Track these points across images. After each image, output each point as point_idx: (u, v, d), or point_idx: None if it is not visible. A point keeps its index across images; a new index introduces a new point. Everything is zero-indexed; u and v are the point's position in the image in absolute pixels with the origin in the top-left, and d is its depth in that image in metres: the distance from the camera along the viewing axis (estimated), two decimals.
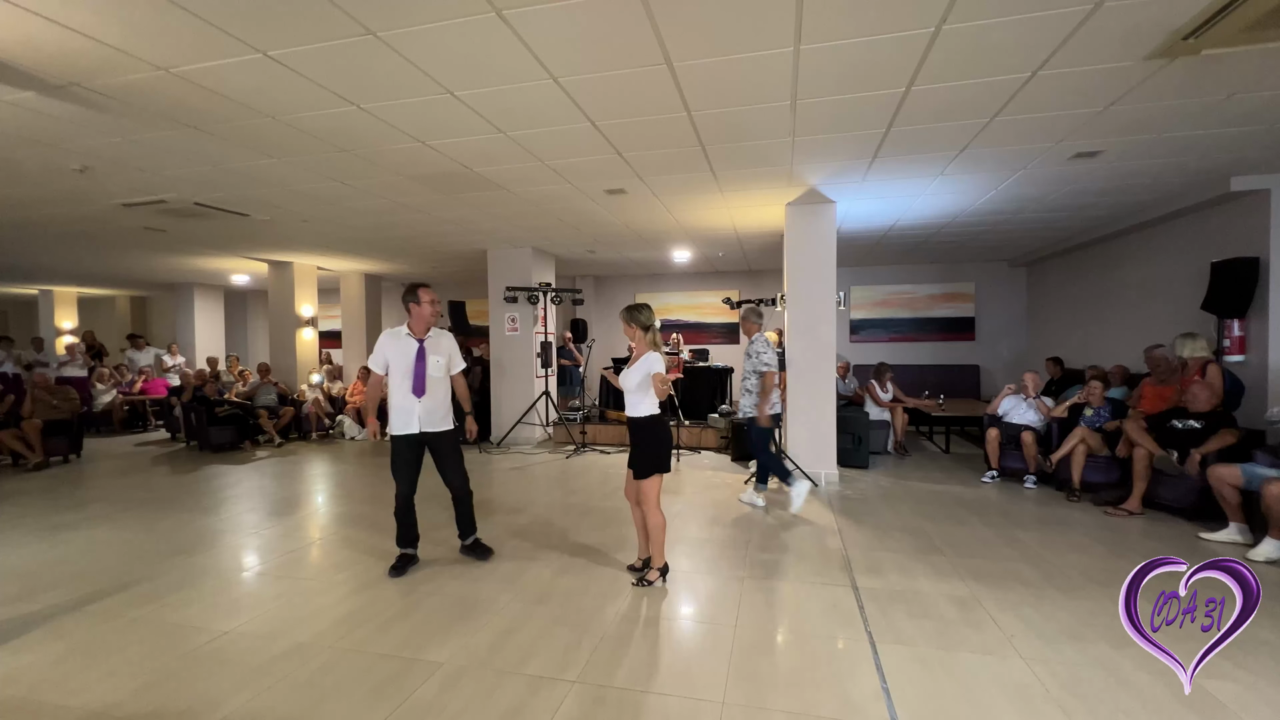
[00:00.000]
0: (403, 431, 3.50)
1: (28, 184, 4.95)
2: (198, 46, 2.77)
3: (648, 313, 3.31)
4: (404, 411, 3.49)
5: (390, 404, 3.53)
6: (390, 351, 3.50)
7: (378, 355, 3.52)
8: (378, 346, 3.52)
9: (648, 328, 3.27)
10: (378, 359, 3.52)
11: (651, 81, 3.18)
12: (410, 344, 3.52)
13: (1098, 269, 7.56)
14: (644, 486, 3.25)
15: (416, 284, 3.57)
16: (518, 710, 2.23)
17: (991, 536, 4.13)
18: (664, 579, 3.34)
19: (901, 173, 4.87)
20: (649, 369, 3.18)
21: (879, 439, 7.02)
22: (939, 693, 2.33)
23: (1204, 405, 4.47)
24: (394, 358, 3.50)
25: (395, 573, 3.50)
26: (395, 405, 3.51)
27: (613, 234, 7.37)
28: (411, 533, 3.61)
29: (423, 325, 3.55)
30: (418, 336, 3.54)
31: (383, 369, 3.53)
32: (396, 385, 3.50)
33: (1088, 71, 3.09)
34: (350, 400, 8.88)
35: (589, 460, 6.87)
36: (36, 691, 2.38)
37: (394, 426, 3.52)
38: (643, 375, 3.20)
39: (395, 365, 3.50)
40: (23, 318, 15.16)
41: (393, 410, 3.52)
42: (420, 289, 3.53)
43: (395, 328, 3.58)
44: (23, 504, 5.21)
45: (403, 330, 3.55)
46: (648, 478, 3.23)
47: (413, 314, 3.54)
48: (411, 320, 3.55)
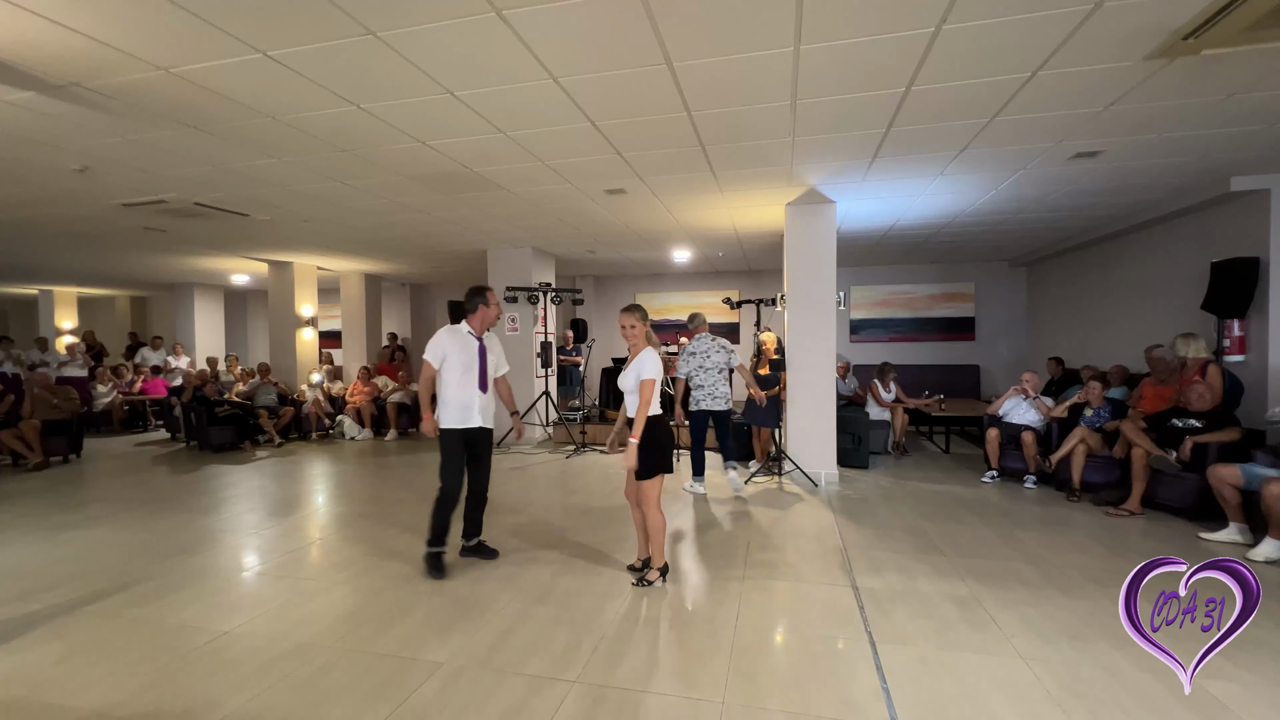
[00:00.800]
0: (461, 425, 3.53)
1: (28, 184, 4.95)
2: (198, 46, 2.77)
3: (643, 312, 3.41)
4: (463, 406, 3.53)
5: (445, 398, 3.54)
6: (450, 346, 3.54)
7: (436, 348, 3.53)
8: (437, 341, 3.55)
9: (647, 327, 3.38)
10: (435, 351, 3.53)
11: (651, 81, 3.18)
12: (471, 341, 3.60)
13: (1098, 269, 7.56)
14: (644, 487, 3.24)
15: (483, 286, 3.70)
16: (518, 710, 2.23)
17: (991, 536, 4.13)
18: (664, 579, 3.34)
19: (901, 173, 4.87)
20: (640, 372, 3.18)
21: (879, 439, 7.02)
22: (939, 693, 2.33)
23: (1203, 405, 4.47)
24: (454, 353, 3.53)
25: (440, 573, 3.47)
26: (453, 400, 3.52)
27: (613, 234, 7.37)
28: (448, 531, 3.61)
29: (483, 326, 3.64)
30: (478, 335, 3.62)
31: (439, 362, 3.54)
32: (456, 380, 3.53)
33: (1088, 72, 3.09)
34: (350, 400, 8.88)
35: (589, 460, 6.87)
36: (36, 691, 2.38)
37: (450, 420, 3.53)
38: (636, 376, 3.20)
39: (456, 360, 3.54)
40: (23, 318, 15.17)
41: (450, 405, 3.53)
42: (488, 291, 3.66)
43: (453, 325, 3.63)
44: (23, 504, 5.21)
45: (463, 328, 3.63)
46: (650, 478, 3.22)
47: (479, 314, 3.62)
48: (474, 319, 3.63)
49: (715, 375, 5.22)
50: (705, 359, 5.22)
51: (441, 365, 3.54)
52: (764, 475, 5.87)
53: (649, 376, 3.15)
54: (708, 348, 5.24)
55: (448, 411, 3.54)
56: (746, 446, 6.56)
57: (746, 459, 6.55)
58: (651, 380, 3.15)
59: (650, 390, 3.14)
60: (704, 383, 5.22)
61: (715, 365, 5.22)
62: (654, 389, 3.15)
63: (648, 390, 3.14)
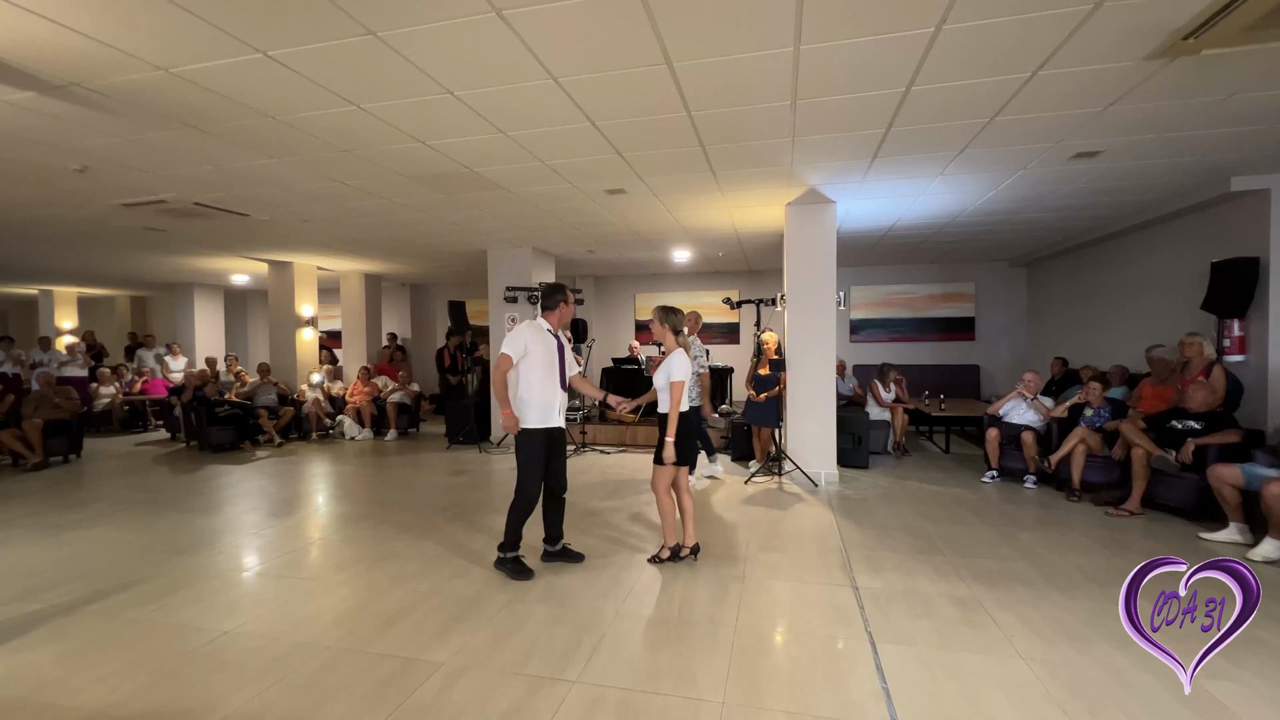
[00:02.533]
0: (544, 425, 3.43)
1: (28, 184, 4.95)
2: (198, 46, 2.77)
3: (679, 316, 3.62)
4: (547, 406, 3.43)
5: (528, 397, 3.40)
6: (533, 342, 3.41)
7: (517, 341, 3.38)
8: (518, 334, 3.40)
9: (678, 331, 3.57)
10: (517, 345, 3.37)
11: (651, 81, 3.18)
12: (551, 339, 3.51)
13: (1098, 269, 7.56)
14: (657, 470, 3.47)
15: (562, 284, 3.67)
16: (518, 710, 2.23)
17: (991, 536, 4.13)
18: (675, 558, 3.61)
19: (901, 173, 4.87)
20: (669, 372, 3.42)
21: (879, 439, 7.02)
22: (939, 693, 2.33)
23: (1203, 406, 4.47)
24: (536, 349, 3.41)
25: (529, 574, 3.43)
26: (536, 399, 3.40)
27: (613, 234, 7.37)
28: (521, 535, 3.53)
29: (560, 323, 3.59)
30: (555, 333, 3.56)
31: (519, 356, 3.38)
32: (539, 379, 3.42)
33: (1088, 71, 3.09)
34: (350, 400, 8.88)
35: (589, 460, 6.87)
36: (36, 691, 2.38)
37: (533, 420, 3.40)
38: (666, 376, 3.44)
39: (539, 358, 3.42)
40: (23, 318, 15.16)
41: (534, 404, 3.40)
42: (569, 289, 3.64)
43: (534, 320, 3.54)
44: (23, 504, 5.21)
45: (543, 324, 3.52)
46: (663, 465, 3.43)
47: (558, 311, 3.56)
48: (553, 316, 3.55)
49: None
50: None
51: (521, 361, 3.39)
52: (764, 475, 5.87)
53: (677, 379, 3.39)
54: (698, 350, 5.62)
55: (531, 411, 3.40)
56: (746, 446, 6.56)
57: (747, 459, 6.55)
58: (680, 382, 3.39)
59: (679, 391, 3.38)
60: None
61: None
62: (682, 390, 3.39)
63: (677, 391, 3.38)
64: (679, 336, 3.54)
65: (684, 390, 3.39)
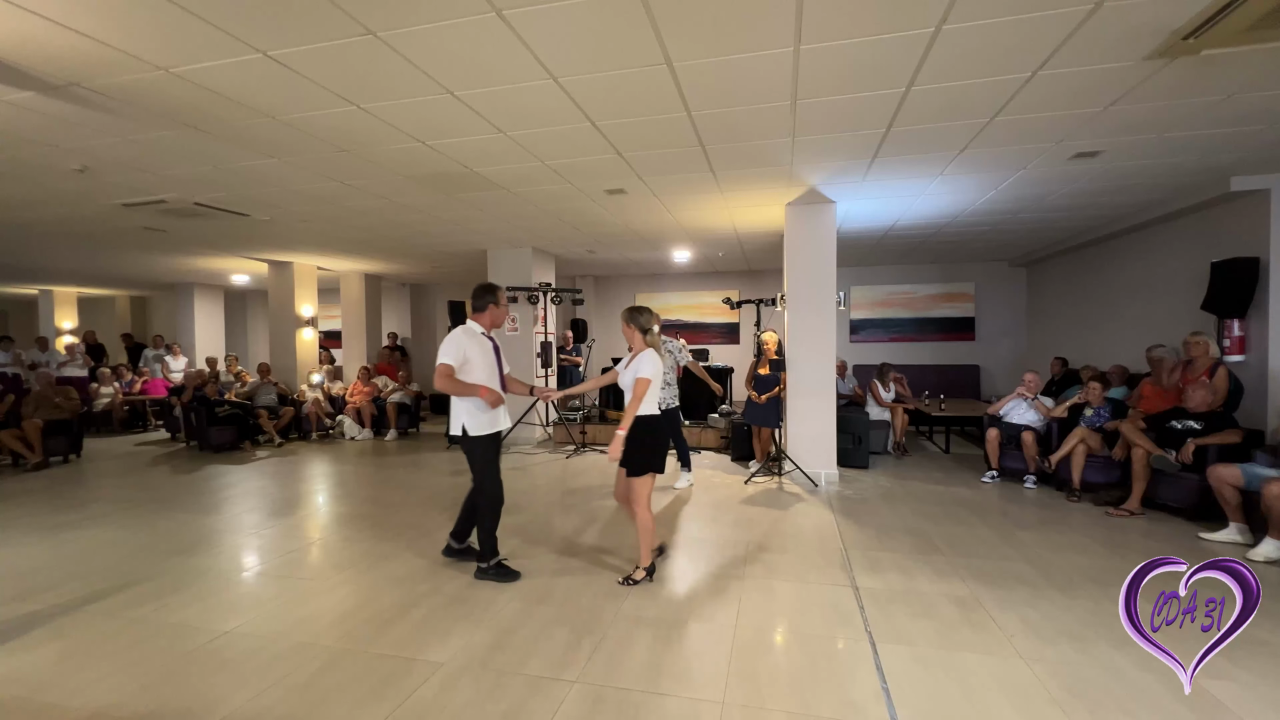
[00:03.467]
0: (495, 429, 3.42)
1: (28, 184, 4.95)
2: (198, 46, 2.77)
3: (647, 316, 3.42)
4: (496, 410, 3.42)
5: (477, 404, 3.34)
6: (471, 348, 3.36)
7: (455, 349, 3.31)
8: (456, 341, 3.33)
9: (646, 330, 3.39)
10: (456, 353, 3.30)
11: (651, 81, 3.18)
12: (486, 342, 3.47)
13: (1098, 269, 7.56)
14: (636, 484, 3.29)
15: (494, 285, 3.55)
16: (518, 710, 2.23)
17: (991, 536, 4.13)
18: (650, 578, 3.36)
19: (902, 173, 4.87)
20: (637, 369, 3.27)
21: (879, 439, 7.02)
22: (939, 693, 2.33)
23: (1203, 406, 4.47)
24: (475, 355, 3.38)
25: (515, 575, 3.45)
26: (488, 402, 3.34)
27: (613, 234, 7.37)
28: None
29: (492, 325, 3.55)
30: (489, 335, 3.53)
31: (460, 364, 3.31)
32: (486, 381, 3.38)
33: (1088, 71, 3.09)
34: (350, 400, 8.87)
35: (589, 460, 6.87)
36: (37, 691, 2.38)
37: (486, 426, 3.36)
38: (633, 375, 3.29)
39: (480, 364, 3.39)
40: (23, 318, 15.16)
41: (485, 409, 3.35)
42: (500, 290, 3.55)
43: (467, 326, 3.45)
44: (23, 504, 5.21)
45: (476, 328, 3.47)
46: (641, 476, 3.28)
47: (488, 313, 3.50)
48: (483, 318, 3.50)
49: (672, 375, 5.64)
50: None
51: (462, 368, 3.32)
52: (764, 475, 5.87)
53: (644, 375, 3.25)
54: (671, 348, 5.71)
55: (484, 417, 3.36)
56: (746, 446, 6.56)
57: (747, 459, 6.55)
58: (646, 379, 3.24)
59: (644, 388, 3.23)
60: (671, 381, 5.54)
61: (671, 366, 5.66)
62: (647, 387, 3.23)
63: (640, 387, 3.24)
64: (648, 336, 3.37)
65: (650, 391, 3.22)
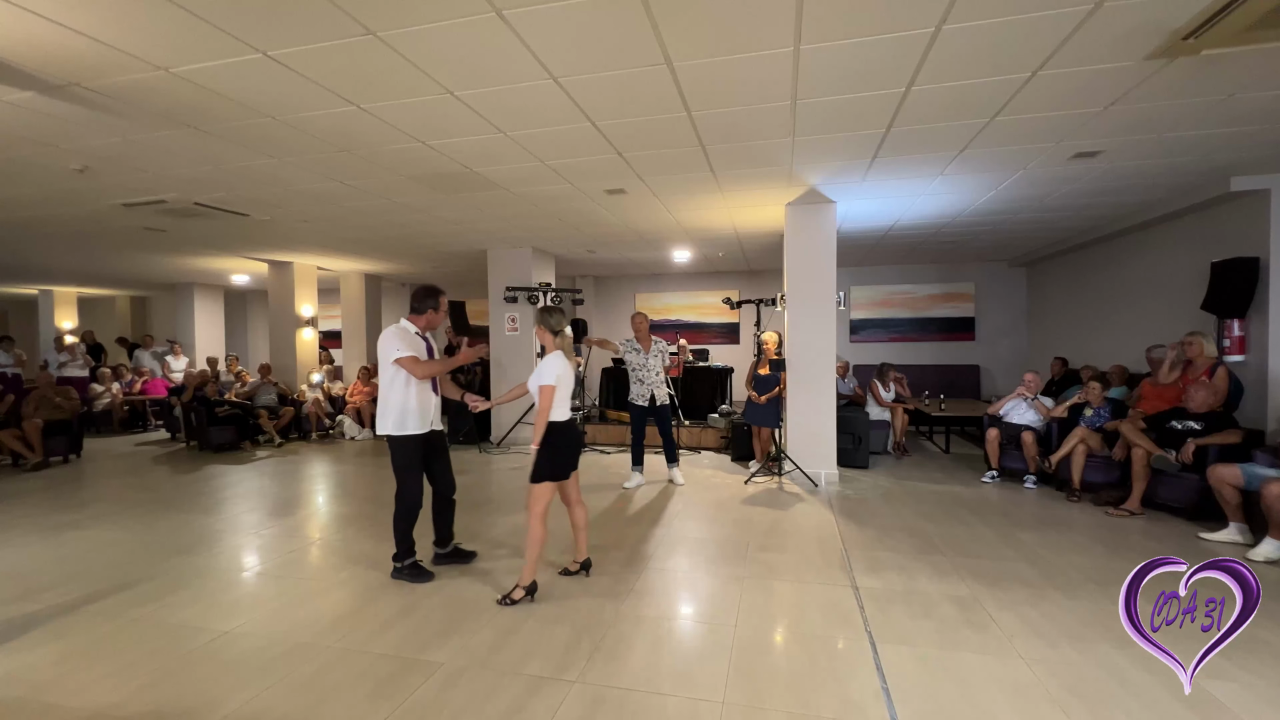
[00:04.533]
0: (422, 431, 3.43)
1: (28, 184, 4.94)
2: (198, 46, 2.77)
3: (558, 317, 3.29)
4: (425, 411, 3.43)
5: (405, 404, 3.36)
6: (407, 347, 3.36)
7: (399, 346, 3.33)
8: (396, 338, 3.35)
9: (556, 332, 3.26)
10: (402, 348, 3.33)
11: (651, 81, 3.18)
12: (420, 342, 3.50)
13: (1098, 269, 7.56)
14: (533, 490, 3.11)
15: (438, 289, 3.55)
16: (518, 710, 2.23)
17: (991, 536, 4.13)
18: (530, 597, 3.13)
19: (901, 173, 4.87)
20: (539, 376, 3.13)
21: (879, 439, 7.02)
22: (939, 693, 2.33)
23: (1203, 406, 4.47)
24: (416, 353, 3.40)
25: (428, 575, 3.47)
26: (415, 405, 3.38)
27: (613, 234, 7.37)
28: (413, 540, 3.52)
29: (428, 328, 3.57)
30: (424, 335, 3.56)
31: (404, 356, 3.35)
32: (417, 385, 3.40)
33: (1088, 71, 3.09)
34: (350, 400, 8.87)
35: (588, 460, 6.86)
36: (37, 691, 2.38)
37: (412, 426, 3.38)
38: (536, 384, 3.14)
39: None
40: (23, 318, 15.15)
41: (411, 410, 3.38)
42: (442, 296, 3.57)
43: (400, 324, 3.46)
44: (23, 504, 5.21)
45: (410, 327, 3.48)
46: (538, 482, 3.11)
47: (426, 317, 3.53)
48: (421, 320, 3.52)
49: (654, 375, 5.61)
50: (647, 358, 5.59)
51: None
52: (764, 475, 5.87)
53: (545, 382, 3.10)
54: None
55: (410, 418, 3.37)
56: (746, 446, 6.56)
57: (747, 459, 6.55)
58: (549, 386, 3.09)
59: (548, 396, 3.09)
60: (644, 378, 5.60)
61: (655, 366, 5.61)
62: (551, 394, 3.09)
63: (544, 396, 3.09)
64: (558, 338, 3.26)
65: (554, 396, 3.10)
